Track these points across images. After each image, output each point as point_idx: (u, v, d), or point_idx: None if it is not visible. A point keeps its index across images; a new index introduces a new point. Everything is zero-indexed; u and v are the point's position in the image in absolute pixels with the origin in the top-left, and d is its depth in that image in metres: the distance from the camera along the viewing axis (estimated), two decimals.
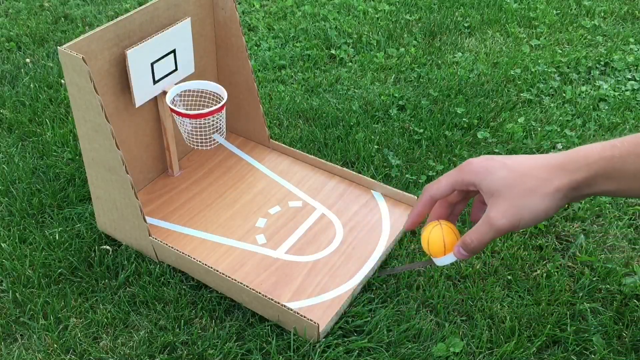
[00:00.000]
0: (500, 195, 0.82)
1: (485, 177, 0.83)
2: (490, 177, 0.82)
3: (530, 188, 0.80)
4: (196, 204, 1.38)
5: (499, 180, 0.82)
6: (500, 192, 0.82)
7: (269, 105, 1.72)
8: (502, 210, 0.81)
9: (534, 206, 0.80)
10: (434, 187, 0.88)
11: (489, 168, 0.83)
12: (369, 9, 2.21)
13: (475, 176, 0.84)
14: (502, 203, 0.81)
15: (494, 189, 0.82)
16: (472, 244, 0.86)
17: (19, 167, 1.48)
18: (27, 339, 1.12)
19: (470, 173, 0.84)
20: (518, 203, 0.81)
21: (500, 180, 0.81)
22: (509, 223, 0.82)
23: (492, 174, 0.82)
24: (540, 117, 1.68)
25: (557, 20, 2.14)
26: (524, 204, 0.80)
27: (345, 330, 1.13)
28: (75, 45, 1.12)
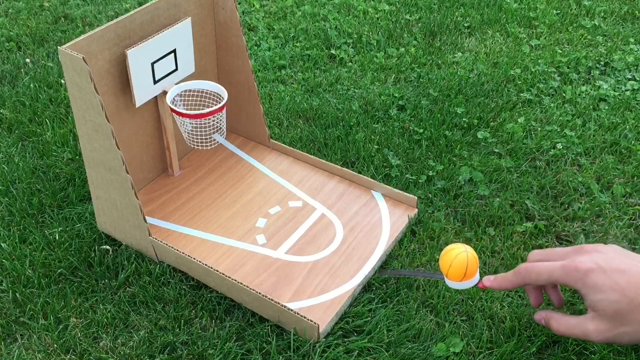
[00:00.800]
0: (606, 317, 0.80)
1: (594, 293, 0.80)
2: (599, 296, 0.80)
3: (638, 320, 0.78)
4: (196, 204, 1.38)
5: (608, 304, 0.79)
6: (606, 314, 0.80)
7: (269, 105, 1.72)
8: (602, 329, 0.81)
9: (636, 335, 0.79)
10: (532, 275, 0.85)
11: (598, 285, 0.79)
12: (369, 9, 2.21)
13: (582, 287, 0.81)
14: (604, 323, 0.80)
15: (600, 308, 0.80)
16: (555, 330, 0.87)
17: (19, 167, 1.48)
18: (27, 339, 1.12)
19: (577, 281, 0.81)
20: (622, 330, 0.79)
21: (610, 305, 0.79)
22: (603, 341, 0.82)
23: (602, 292, 0.79)
24: (540, 117, 1.68)
25: (557, 20, 2.14)
26: (627, 331, 0.79)
27: (345, 330, 1.13)
28: (75, 45, 1.12)
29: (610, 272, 0.80)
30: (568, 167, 1.51)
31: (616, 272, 0.80)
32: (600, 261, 0.81)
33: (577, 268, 0.81)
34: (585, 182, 1.46)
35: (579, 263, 0.82)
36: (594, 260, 0.81)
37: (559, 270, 0.83)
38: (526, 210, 1.38)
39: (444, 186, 1.44)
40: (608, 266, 0.80)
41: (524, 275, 0.87)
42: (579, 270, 0.81)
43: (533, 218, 1.37)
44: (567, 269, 0.83)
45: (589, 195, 1.42)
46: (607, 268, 0.80)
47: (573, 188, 1.44)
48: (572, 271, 0.82)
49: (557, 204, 1.40)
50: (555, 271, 0.84)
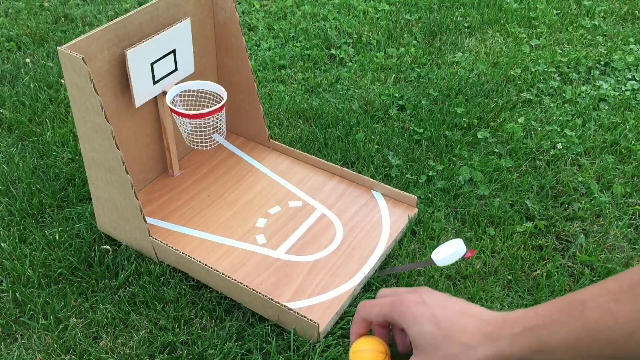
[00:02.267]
0: (424, 351, 0.80)
1: (413, 326, 0.80)
2: (417, 329, 0.80)
3: (453, 354, 0.77)
4: (196, 204, 1.38)
5: (425, 336, 0.79)
6: (425, 348, 0.80)
7: (269, 105, 1.72)
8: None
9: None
10: (367, 309, 0.86)
11: (417, 317, 0.80)
12: (369, 9, 2.21)
13: (404, 321, 0.82)
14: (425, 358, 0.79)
15: (418, 342, 0.80)
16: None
17: (19, 167, 1.48)
18: (27, 339, 1.12)
19: (400, 316, 0.82)
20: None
21: (426, 336, 0.79)
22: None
23: (419, 325, 0.79)
24: (540, 117, 1.68)
25: (557, 20, 2.14)
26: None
27: (345, 330, 1.13)
28: (75, 45, 1.12)
29: (432, 305, 0.81)
30: (568, 167, 1.51)
31: (437, 307, 0.81)
32: (426, 297, 0.84)
33: (402, 300, 0.84)
34: (585, 182, 1.46)
35: (405, 297, 0.84)
36: (420, 296, 0.84)
37: (388, 305, 0.86)
38: (526, 210, 1.38)
39: (444, 186, 1.44)
40: (431, 301, 0.82)
41: (360, 309, 0.89)
42: (402, 303, 0.84)
43: (533, 218, 1.37)
44: (394, 303, 0.85)
45: (589, 195, 1.42)
46: (430, 303, 0.81)
47: (573, 188, 1.44)
48: (397, 304, 0.84)
49: (557, 204, 1.40)
50: (384, 305, 0.87)
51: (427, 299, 0.82)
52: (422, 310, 0.81)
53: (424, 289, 0.86)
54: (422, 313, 0.81)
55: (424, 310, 0.80)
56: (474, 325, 0.77)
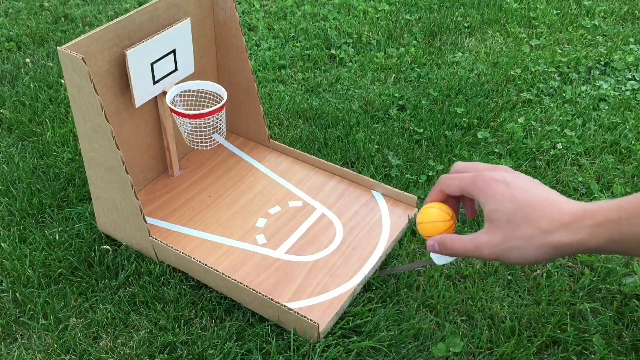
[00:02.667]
0: (499, 228, 0.81)
1: (492, 202, 0.81)
2: (495, 205, 0.81)
3: (529, 235, 0.78)
4: (196, 204, 1.38)
5: (502, 213, 0.80)
6: (500, 225, 0.81)
7: (269, 105, 1.72)
8: (494, 242, 0.81)
9: (524, 253, 0.80)
10: (447, 182, 0.87)
11: (496, 195, 0.81)
12: (369, 9, 2.21)
13: (483, 197, 0.82)
14: (497, 235, 0.81)
15: (494, 217, 0.81)
16: (450, 250, 0.86)
17: (19, 167, 1.48)
18: (27, 339, 1.12)
19: (480, 190, 0.83)
20: (511, 244, 0.80)
21: (504, 214, 0.80)
22: (493, 256, 0.81)
23: (499, 202, 0.80)
24: (540, 117, 1.68)
25: (557, 20, 2.14)
26: (516, 246, 0.80)
27: (345, 330, 1.13)
28: (75, 45, 1.12)
29: (513, 187, 0.81)
30: (568, 167, 1.51)
31: (518, 188, 0.82)
32: (508, 177, 0.85)
33: (484, 177, 0.85)
34: (585, 182, 1.46)
35: (487, 174, 0.85)
36: (502, 175, 0.85)
37: (469, 178, 0.87)
38: None
39: None
40: (513, 182, 0.82)
41: (441, 181, 0.90)
42: (484, 180, 0.84)
43: None
44: (476, 178, 0.86)
45: (589, 195, 1.42)
46: (511, 183, 0.82)
47: (573, 188, 1.44)
48: (479, 180, 0.85)
49: None
50: (465, 179, 0.86)
51: (509, 179, 0.82)
52: (503, 189, 0.81)
53: (504, 168, 0.86)
54: (503, 192, 0.81)
55: (505, 189, 0.81)
56: (553, 212, 0.79)
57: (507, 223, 0.80)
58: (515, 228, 0.79)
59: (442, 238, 0.88)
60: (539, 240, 0.78)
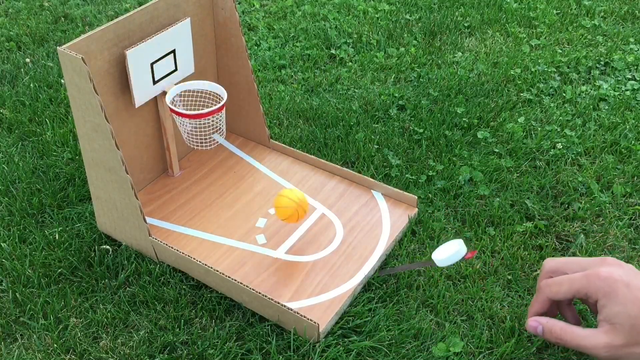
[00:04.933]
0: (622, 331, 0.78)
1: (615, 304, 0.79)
2: (617, 308, 0.78)
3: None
4: (196, 204, 1.38)
5: (625, 317, 0.78)
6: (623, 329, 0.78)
7: (269, 105, 1.72)
8: (615, 345, 0.79)
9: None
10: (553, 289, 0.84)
11: (619, 296, 0.78)
12: (369, 9, 2.21)
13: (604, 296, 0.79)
14: (618, 338, 0.78)
15: (617, 321, 0.79)
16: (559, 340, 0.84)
17: (19, 167, 1.48)
18: (27, 339, 1.12)
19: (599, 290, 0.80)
20: (633, 349, 0.78)
21: (627, 318, 0.78)
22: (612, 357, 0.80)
23: (622, 305, 0.78)
24: (540, 117, 1.68)
25: (557, 20, 2.14)
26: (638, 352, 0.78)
27: (345, 330, 1.13)
28: (75, 45, 1.12)
29: (634, 288, 0.80)
30: (568, 167, 1.51)
31: (638, 288, 0.79)
32: (624, 275, 0.81)
33: (600, 277, 0.81)
34: (585, 182, 1.46)
35: (604, 272, 0.81)
36: (617, 273, 0.81)
37: (581, 279, 0.83)
38: (526, 210, 1.38)
39: (444, 186, 1.44)
40: (631, 281, 0.80)
41: (544, 289, 0.86)
42: (601, 279, 0.81)
43: (533, 218, 1.37)
44: (590, 278, 0.82)
45: (589, 195, 1.42)
46: (630, 283, 0.80)
47: (573, 188, 1.44)
48: (595, 279, 0.81)
49: (557, 204, 1.40)
50: (577, 281, 0.83)
51: (624, 276, 0.79)
52: (624, 290, 0.78)
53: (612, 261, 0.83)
54: (625, 294, 0.78)
55: (626, 291, 0.78)
56: None
57: (630, 327, 0.78)
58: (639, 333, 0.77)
59: (551, 324, 0.85)
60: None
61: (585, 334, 0.82)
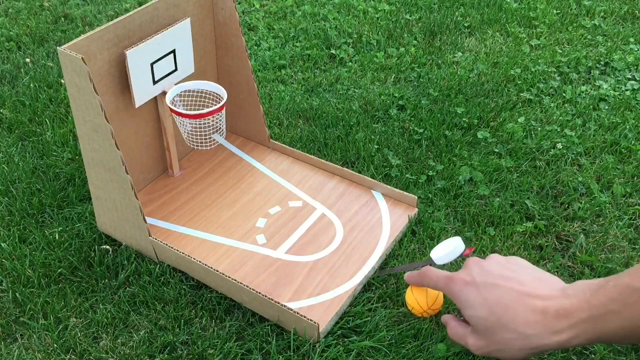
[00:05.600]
0: (479, 332, 0.82)
1: (466, 308, 0.83)
2: (470, 311, 0.82)
3: (507, 339, 0.79)
4: (196, 204, 1.38)
5: (478, 320, 0.81)
6: (479, 331, 0.82)
7: (269, 105, 1.72)
8: (479, 345, 0.83)
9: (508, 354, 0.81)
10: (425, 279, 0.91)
11: (469, 300, 0.82)
12: (369, 9, 2.21)
13: (457, 300, 0.84)
14: (480, 339, 0.82)
15: (473, 323, 0.82)
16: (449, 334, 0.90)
17: (19, 167, 1.48)
18: (27, 339, 1.12)
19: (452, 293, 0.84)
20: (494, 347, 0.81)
21: (480, 320, 0.81)
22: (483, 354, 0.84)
23: (472, 308, 0.81)
24: (540, 116, 1.68)
25: (557, 20, 2.14)
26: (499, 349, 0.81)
27: (345, 330, 1.13)
28: (75, 45, 1.12)
29: (483, 287, 0.82)
30: (568, 167, 1.51)
31: (488, 287, 0.82)
32: (477, 275, 0.83)
33: (454, 280, 0.85)
34: (585, 182, 1.46)
35: (456, 276, 0.85)
36: (470, 274, 0.84)
37: (443, 280, 0.87)
38: (526, 210, 1.38)
39: (444, 186, 1.44)
40: (482, 281, 0.82)
41: (422, 276, 0.93)
42: (455, 283, 0.84)
43: (533, 218, 1.37)
44: (448, 281, 0.86)
45: (589, 195, 1.42)
46: (480, 283, 0.82)
47: (573, 188, 1.44)
48: (450, 283, 0.85)
49: (557, 204, 1.40)
50: (440, 280, 0.88)
51: (477, 277, 0.82)
52: (473, 293, 0.81)
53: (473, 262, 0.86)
54: (474, 298, 0.81)
55: (475, 294, 0.81)
56: (528, 313, 0.78)
57: (484, 329, 0.81)
58: (493, 334, 0.80)
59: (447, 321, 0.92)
60: (518, 343, 0.78)
61: (461, 333, 0.88)
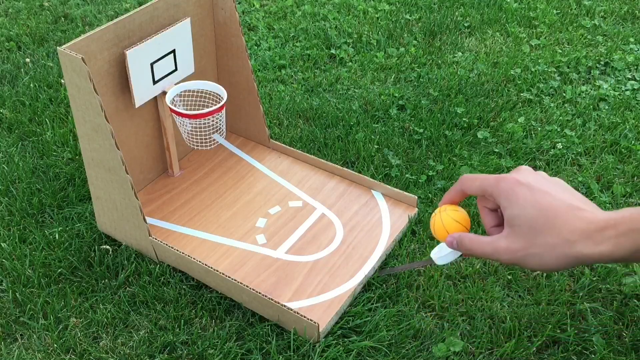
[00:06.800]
0: (520, 234, 0.79)
1: (514, 207, 0.79)
2: (517, 210, 0.79)
3: (550, 243, 0.77)
4: (196, 204, 1.38)
5: (524, 219, 0.78)
6: (521, 231, 0.79)
7: (269, 105, 1.72)
8: (514, 248, 0.79)
9: (544, 261, 0.78)
10: (467, 182, 0.86)
11: (519, 199, 0.79)
12: (369, 9, 2.21)
13: (505, 200, 0.80)
14: (517, 241, 0.79)
15: (515, 223, 0.79)
16: (468, 249, 0.85)
17: (19, 167, 1.48)
18: (27, 339, 1.12)
19: (501, 192, 0.81)
20: (531, 251, 0.78)
21: (527, 220, 0.78)
22: (512, 262, 0.80)
23: (522, 207, 0.79)
24: (540, 116, 1.68)
25: (557, 20, 2.14)
26: (536, 253, 0.78)
27: (345, 330, 1.13)
28: (75, 45, 1.12)
29: (536, 190, 0.79)
30: (568, 166, 1.51)
31: (541, 192, 0.80)
32: (531, 180, 0.82)
33: (506, 179, 0.82)
34: (585, 182, 1.46)
35: (509, 176, 0.83)
36: (525, 178, 0.82)
37: (491, 179, 0.84)
38: None
39: (444, 186, 1.44)
40: (535, 186, 0.80)
41: (462, 181, 0.88)
42: (506, 182, 0.82)
43: None
44: (497, 180, 0.83)
45: (589, 195, 1.42)
46: (534, 187, 0.80)
47: (573, 188, 1.44)
48: (501, 182, 0.82)
49: None
50: (487, 180, 0.84)
51: (531, 181, 0.80)
52: (526, 193, 0.79)
53: (525, 169, 0.84)
54: (525, 196, 0.79)
55: (528, 193, 0.79)
56: (576, 221, 0.76)
57: (528, 230, 0.78)
58: (536, 235, 0.78)
59: (461, 236, 0.86)
60: (560, 249, 0.76)
61: (488, 240, 0.83)
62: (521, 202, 0.80)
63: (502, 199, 0.81)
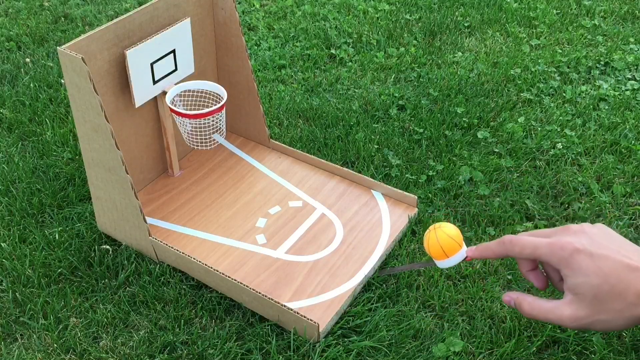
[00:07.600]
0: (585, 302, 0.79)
1: (577, 275, 0.79)
2: (580, 279, 0.79)
3: (617, 309, 0.77)
4: (196, 204, 1.38)
5: (589, 288, 0.78)
6: (586, 299, 0.79)
7: (269, 105, 1.72)
8: (580, 316, 0.79)
9: (612, 325, 0.79)
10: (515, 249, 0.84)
11: (582, 268, 0.79)
12: (369, 9, 2.21)
13: (566, 267, 0.80)
14: (582, 309, 0.79)
15: (579, 291, 0.79)
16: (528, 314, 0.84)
17: (19, 167, 1.48)
18: (27, 339, 1.12)
19: (561, 260, 0.80)
20: (598, 317, 0.79)
21: (591, 289, 0.78)
22: (577, 327, 0.80)
23: (585, 276, 0.78)
24: (540, 116, 1.68)
25: (557, 20, 2.14)
26: (603, 319, 0.79)
27: (345, 330, 1.13)
28: (75, 45, 1.12)
29: (596, 256, 0.79)
30: (568, 166, 1.51)
31: (601, 257, 0.79)
32: (587, 244, 0.81)
33: (563, 247, 0.81)
34: (585, 182, 1.46)
35: (566, 243, 0.81)
36: (580, 242, 0.81)
37: (545, 247, 0.82)
38: (526, 210, 1.38)
39: (444, 186, 1.44)
40: (594, 250, 0.79)
41: (508, 247, 0.85)
42: (564, 250, 0.80)
43: (533, 218, 1.37)
44: (553, 247, 0.81)
45: (589, 195, 1.42)
46: (594, 252, 0.79)
47: (573, 188, 1.44)
48: (558, 250, 0.81)
49: (557, 204, 1.40)
50: (540, 247, 0.82)
51: (588, 245, 0.79)
52: (587, 262, 0.78)
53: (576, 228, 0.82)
54: (587, 265, 0.78)
55: (589, 262, 0.78)
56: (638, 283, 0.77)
57: (593, 297, 0.78)
58: (602, 303, 0.78)
59: (520, 299, 0.85)
60: (627, 313, 0.77)
61: (550, 306, 0.82)
62: (584, 270, 0.79)
63: (563, 268, 0.80)
